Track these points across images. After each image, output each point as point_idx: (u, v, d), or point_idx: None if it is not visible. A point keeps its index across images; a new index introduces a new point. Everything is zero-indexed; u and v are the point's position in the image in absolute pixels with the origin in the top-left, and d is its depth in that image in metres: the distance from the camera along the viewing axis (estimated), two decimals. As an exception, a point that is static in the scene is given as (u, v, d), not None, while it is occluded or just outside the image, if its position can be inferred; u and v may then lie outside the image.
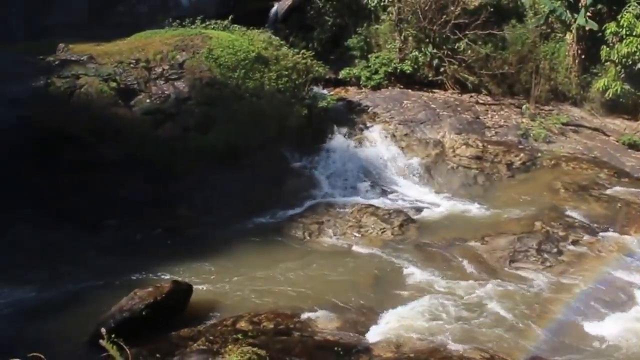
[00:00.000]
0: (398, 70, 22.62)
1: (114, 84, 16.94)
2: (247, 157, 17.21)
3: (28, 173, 15.55)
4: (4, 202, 15.47)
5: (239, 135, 17.31)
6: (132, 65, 17.69)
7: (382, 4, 23.49)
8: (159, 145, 16.39)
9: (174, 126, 16.92)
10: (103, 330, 6.55)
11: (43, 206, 15.45)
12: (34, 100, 16.04)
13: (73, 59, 17.71)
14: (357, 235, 15.31)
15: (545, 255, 13.81)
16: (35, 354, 5.57)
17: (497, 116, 21.42)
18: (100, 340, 5.69)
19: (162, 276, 12.83)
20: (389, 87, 22.46)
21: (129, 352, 5.74)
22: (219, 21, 20.84)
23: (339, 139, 19.26)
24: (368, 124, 20.19)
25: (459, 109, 21.37)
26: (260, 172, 17.18)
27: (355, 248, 14.80)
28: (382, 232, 15.31)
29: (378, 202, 17.17)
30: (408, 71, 22.63)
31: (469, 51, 22.51)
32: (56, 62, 17.54)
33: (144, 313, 10.62)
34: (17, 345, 10.15)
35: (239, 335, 10.24)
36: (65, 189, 15.33)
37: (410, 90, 22.36)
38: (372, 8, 23.84)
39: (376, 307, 11.83)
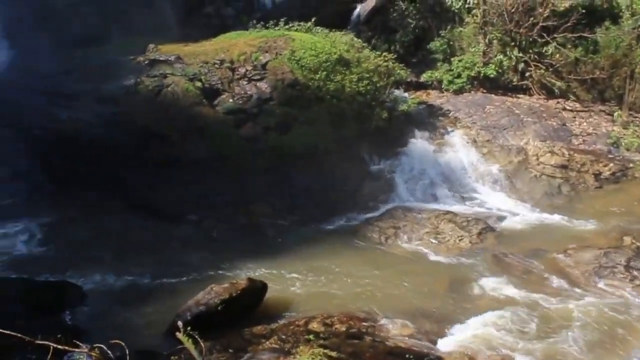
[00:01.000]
0: (481, 74, 22.07)
1: (199, 84, 17.46)
2: (326, 159, 17.31)
3: (117, 168, 16.35)
4: (95, 195, 16.39)
5: (319, 137, 17.44)
6: (216, 65, 18.18)
7: (466, 6, 23.02)
8: (240, 144, 16.76)
9: (255, 126, 17.25)
10: (180, 323, 6.78)
11: (130, 200, 16.22)
12: (124, 99, 16.83)
13: (161, 59, 18.43)
14: (433, 241, 15.07)
15: (635, 273, 13.03)
16: (116, 341, 5.82)
17: (585, 123, 20.49)
18: (177, 333, 5.88)
19: (238, 273, 13.10)
20: (472, 92, 21.98)
21: (202, 345, 5.90)
22: (302, 23, 21.06)
23: (418, 143, 19.03)
24: (449, 129, 19.84)
25: (544, 115, 20.61)
26: (339, 174, 17.24)
27: (431, 255, 14.57)
28: (460, 240, 14.99)
29: (456, 208, 16.85)
30: (492, 75, 22.03)
31: (557, 55, 21.65)
32: (146, 62, 18.33)
33: (219, 308, 10.86)
34: (102, 330, 10.70)
35: (311, 336, 10.28)
36: (151, 184, 16.01)
37: (493, 95, 21.79)
38: (457, 10, 23.40)
39: (450, 316, 11.58)
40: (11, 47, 21.34)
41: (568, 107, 21.40)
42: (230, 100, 17.47)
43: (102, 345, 5.47)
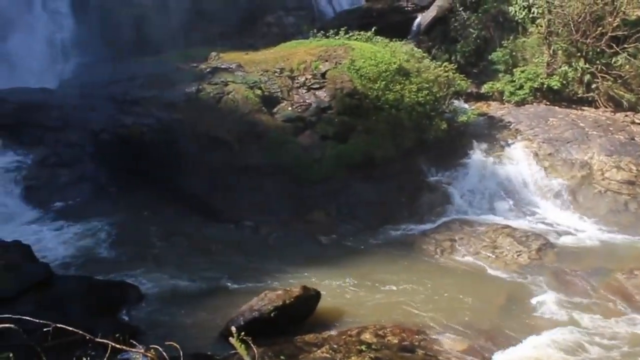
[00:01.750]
0: (545, 86, 21.52)
1: (258, 92, 17.73)
2: (383, 168, 17.26)
3: (178, 172, 16.78)
4: (156, 198, 16.87)
5: (377, 146, 17.41)
6: (276, 73, 18.42)
7: (530, 15, 22.52)
8: (298, 152, 16.90)
9: (313, 134, 17.36)
10: (234, 328, 6.86)
11: (189, 204, 16.61)
12: (187, 105, 17.26)
13: (223, 66, 18.83)
14: (491, 256, 14.75)
15: None
16: (171, 342, 5.94)
17: (656, 138, 19.68)
18: (230, 338, 5.95)
19: (292, 280, 13.16)
20: (534, 103, 21.46)
21: (255, 351, 5.94)
22: (362, 32, 21.10)
23: (477, 155, 18.71)
24: (509, 141, 19.42)
25: (610, 128, 19.88)
26: (396, 184, 17.16)
27: (488, 269, 14.27)
28: (518, 255, 14.62)
29: (515, 223, 16.44)
30: (556, 87, 21.44)
31: (627, 66, 20.88)
32: (207, 70, 18.77)
33: (272, 315, 10.94)
34: (157, 330, 10.99)
35: (363, 347, 10.22)
36: (210, 188, 16.34)
37: (556, 107, 21.20)
38: (520, 20, 22.93)
39: (506, 334, 11.29)
40: (80, 55, 22.29)
41: (637, 121, 20.59)
42: (289, 108, 17.65)
43: (158, 347, 5.58)
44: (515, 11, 22.78)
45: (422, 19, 24.90)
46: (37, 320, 4.75)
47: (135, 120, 17.57)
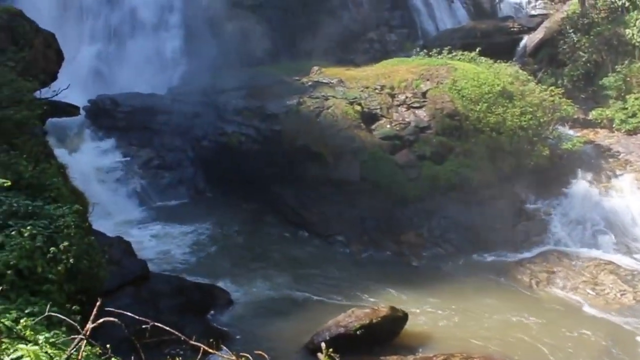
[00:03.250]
0: (661, 115, 20.19)
1: (358, 108, 17.77)
2: (479, 192, 16.80)
3: (274, 182, 17.14)
4: (250, 206, 17.29)
5: (474, 169, 16.97)
6: (377, 90, 18.41)
7: (650, 39, 21.26)
8: (394, 170, 16.78)
9: (410, 153, 17.19)
10: (323, 344, 6.84)
11: (282, 214, 16.90)
12: (286, 117, 17.59)
13: (324, 81, 19.05)
14: (591, 293, 13.94)
15: None
16: (260, 352, 5.98)
17: None
18: (319, 353, 5.92)
19: (381, 299, 13.04)
20: (647, 133, 20.16)
21: (340, 367, 5.88)
22: (465, 52, 20.70)
23: (581, 185, 17.78)
24: (617, 172, 18.33)
25: None
26: (492, 209, 16.63)
27: (586, 307, 13.50)
28: (622, 295, 13.73)
29: (620, 259, 15.48)
30: (673, 117, 20.09)
31: None
32: (309, 83, 19.06)
33: (358, 332, 10.88)
34: (243, 337, 11.21)
35: (449, 375, 9.94)
36: (303, 201, 16.56)
37: (673, 139, 19.81)
38: (638, 44, 21.67)
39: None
40: (189, 64, 23.31)
41: None
42: (388, 126, 17.58)
43: (248, 356, 5.64)
44: (633, 34, 21.57)
45: (529, 40, 24.13)
46: (138, 317, 4.93)
47: (235, 129, 18.13)
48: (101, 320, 4.79)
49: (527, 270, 14.87)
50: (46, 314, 5.46)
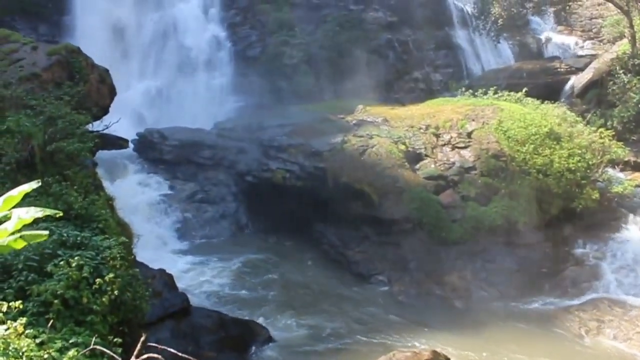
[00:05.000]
0: None
1: (402, 147, 17.69)
2: (525, 235, 16.37)
3: (316, 219, 17.10)
4: (292, 243, 17.28)
5: (520, 212, 16.58)
6: (421, 130, 18.34)
7: None
8: (438, 210, 16.54)
9: (454, 194, 16.94)
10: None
11: (324, 252, 16.81)
12: (331, 155, 17.62)
13: (369, 119, 19.10)
14: (644, 344, 13.31)
15: None
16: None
17: None
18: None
19: (422, 342, 12.71)
20: (703, 178, 19.45)
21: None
22: (511, 93, 20.50)
23: (634, 230, 17.17)
24: (672, 218, 17.67)
25: None
26: (538, 253, 16.18)
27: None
28: (679, 347, 13.06)
29: (676, 310, 14.75)
30: None
31: None
32: (353, 122, 19.14)
33: (399, 376, 10.55)
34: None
35: None
36: (345, 239, 16.45)
37: None
38: (690, 87, 21.12)
39: None
40: (235, 100, 23.80)
41: None
42: (432, 165, 17.42)
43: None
44: (685, 77, 21.06)
45: (576, 81, 23.78)
46: (181, 354, 4.89)
47: (279, 165, 18.25)
48: (145, 357, 4.76)
49: (576, 318, 14.31)
50: (91, 346, 5.48)
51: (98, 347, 5.48)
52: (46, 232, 2.70)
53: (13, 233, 2.66)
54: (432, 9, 27.56)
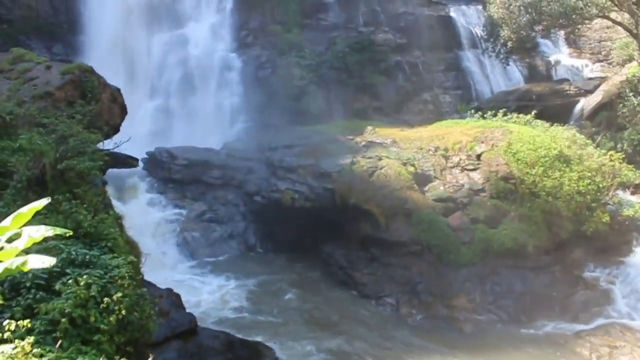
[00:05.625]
0: None
1: (411, 169, 17.67)
2: (535, 258, 16.24)
3: (324, 240, 17.04)
4: (300, 263, 17.20)
5: (530, 234, 16.47)
6: (430, 152, 18.33)
7: None
8: (447, 232, 16.45)
9: (463, 216, 16.86)
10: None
11: (331, 273, 16.72)
12: (339, 176, 17.62)
13: (378, 141, 19.12)
14: (658, 370, 13.09)
15: None
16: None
17: None
18: None
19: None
20: None
21: None
22: (521, 115, 20.47)
23: (645, 254, 17.01)
24: (683, 242, 17.47)
25: None
26: (548, 276, 16.02)
27: (654, 386, 12.65)
28: (692, 374, 12.84)
29: (690, 336, 14.53)
30: None
31: None
32: (362, 143, 19.17)
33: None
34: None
35: None
36: (353, 260, 16.37)
37: None
38: (701, 110, 21.03)
39: None
40: (245, 120, 23.91)
41: None
42: (441, 187, 17.37)
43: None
44: (696, 100, 20.98)
45: (586, 103, 23.75)
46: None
47: (288, 186, 18.26)
48: (152, 377, 4.73)
49: (587, 343, 14.11)
50: (98, 366, 5.46)
51: (105, 367, 5.46)
52: (53, 260, 2.68)
53: (23, 251, 2.67)
54: (441, 31, 27.74)
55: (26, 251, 2.82)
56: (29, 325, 5.41)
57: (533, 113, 20.34)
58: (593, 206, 17.27)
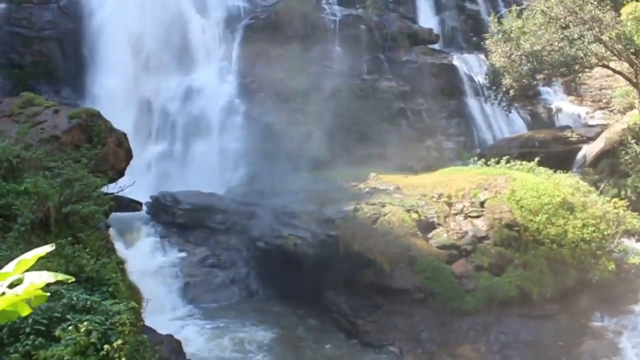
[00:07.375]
0: None
1: (415, 215, 17.62)
2: (540, 307, 16.05)
3: (326, 287, 16.89)
4: (302, 310, 17.00)
5: (534, 283, 16.31)
6: (434, 199, 18.32)
7: None
8: (451, 280, 16.31)
9: (467, 263, 16.74)
10: None
11: (333, 320, 16.50)
12: (343, 222, 17.56)
13: (381, 187, 19.15)
14: None
15: None
16: None
17: None
18: None
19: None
20: None
21: None
22: (524, 162, 20.55)
23: (654, 304, 16.77)
24: (691, 291, 17.26)
25: None
26: (554, 325, 15.78)
27: None
28: None
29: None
30: None
31: None
32: (366, 190, 19.19)
33: None
34: None
35: None
36: (356, 308, 16.18)
37: None
38: None
39: None
40: (248, 165, 24.01)
41: None
42: (445, 235, 17.30)
43: None
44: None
45: (588, 150, 23.87)
46: None
47: (291, 232, 18.19)
48: None
49: (595, 395, 13.81)
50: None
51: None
52: (52, 277, 2.68)
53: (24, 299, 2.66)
54: (444, 78, 28.14)
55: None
56: (27, 373, 5.35)
57: (536, 160, 20.42)
58: (598, 254, 17.18)
